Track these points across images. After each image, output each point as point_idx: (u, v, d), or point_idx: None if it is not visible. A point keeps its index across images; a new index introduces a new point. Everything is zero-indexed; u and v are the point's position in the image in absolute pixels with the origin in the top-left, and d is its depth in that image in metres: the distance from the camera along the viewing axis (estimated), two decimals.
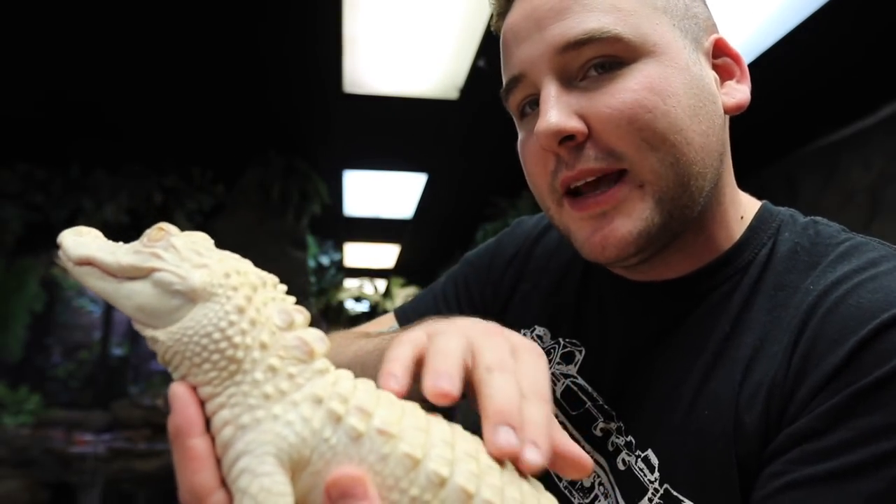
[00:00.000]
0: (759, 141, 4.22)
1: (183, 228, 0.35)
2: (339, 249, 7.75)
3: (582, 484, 0.61)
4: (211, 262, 0.34)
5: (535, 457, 0.31)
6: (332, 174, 4.86)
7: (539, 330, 0.71)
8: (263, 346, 0.32)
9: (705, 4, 0.63)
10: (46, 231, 4.52)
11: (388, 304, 8.20)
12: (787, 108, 3.68)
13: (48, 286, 5.47)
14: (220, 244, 0.37)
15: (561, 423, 0.61)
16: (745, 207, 0.64)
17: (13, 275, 4.77)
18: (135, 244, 0.35)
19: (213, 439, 0.31)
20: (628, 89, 0.54)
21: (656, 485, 0.54)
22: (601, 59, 0.55)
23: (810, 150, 4.21)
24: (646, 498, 0.55)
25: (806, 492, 0.44)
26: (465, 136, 4.13)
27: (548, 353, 0.67)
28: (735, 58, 0.65)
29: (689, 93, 0.56)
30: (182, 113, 3.83)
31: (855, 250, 0.54)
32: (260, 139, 4.31)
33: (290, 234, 4.70)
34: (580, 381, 0.64)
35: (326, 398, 0.31)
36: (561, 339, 0.68)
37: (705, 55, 0.60)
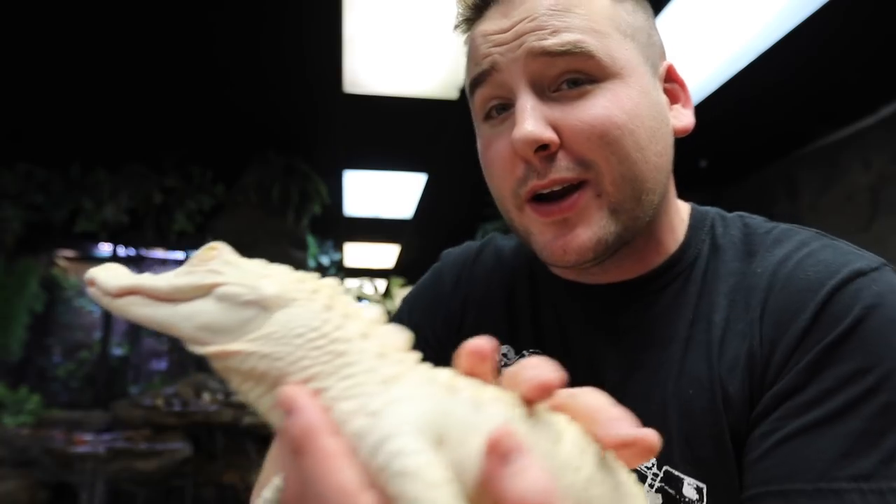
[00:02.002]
0: (759, 141, 4.22)
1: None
2: (339, 249, 7.76)
3: None
4: (272, 272, 0.33)
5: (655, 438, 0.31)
6: (332, 174, 4.86)
7: (503, 348, 0.71)
8: (365, 336, 0.31)
9: (658, 32, 0.68)
10: (46, 231, 4.52)
11: (389, 304, 8.20)
12: (787, 108, 3.69)
13: (48, 286, 5.47)
14: None
15: None
16: (682, 211, 0.68)
17: (13, 275, 4.77)
18: (180, 270, 0.35)
19: None
20: (600, 105, 0.57)
21: (654, 469, 0.56)
22: (573, 73, 0.58)
23: (810, 150, 4.21)
24: (646, 484, 0.56)
25: (797, 442, 0.49)
26: (465, 136, 4.13)
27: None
28: (681, 84, 0.68)
29: (649, 115, 0.60)
30: (182, 113, 3.83)
31: (785, 235, 0.63)
32: (260, 139, 4.31)
33: (290, 234, 4.71)
34: None
35: (436, 376, 0.31)
36: (525, 353, 0.69)
37: (660, 80, 0.64)
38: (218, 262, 0.34)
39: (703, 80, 3.29)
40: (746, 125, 3.93)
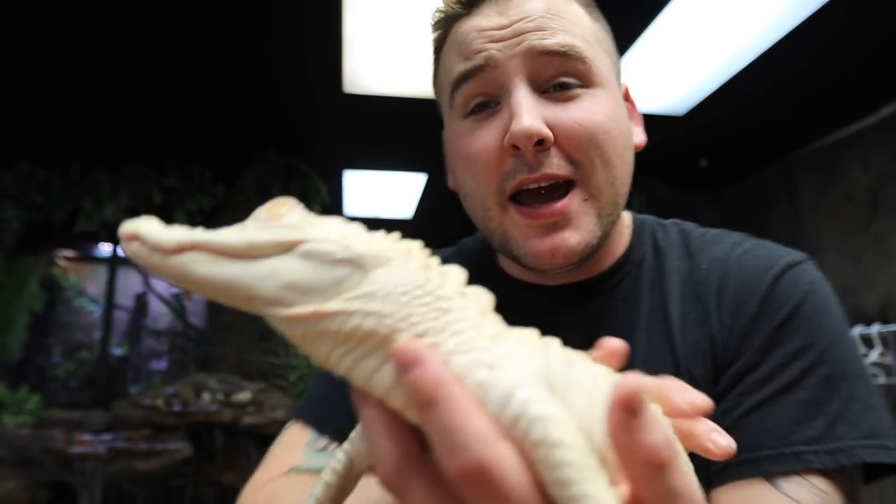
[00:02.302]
0: (759, 141, 4.22)
1: None
2: None
3: None
4: (354, 231, 0.31)
5: (727, 443, 0.33)
6: (332, 174, 4.86)
7: None
8: (463, 295, 0.31)
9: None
10: (46, 231, 4.52)
11: None
12: (787, 109, 3.69)
13: (48, 286, 5.47)
14: None
15: None
16: (625, 217, 0.74)
17: (13, 275, 4.77)
18: (243, 226, 0.31)
19: None
20: (590, 110, 0.61)
21: None
22: (566, 76, 0.61)
23: (810, 150, 4.21)
24: None
25: (758, 414, 0.56)
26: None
27: None
28: (633, 104, 0.74)
29: (624, 125, 0.66)
30: (182, 113, 3.83)
31: (719, 236, 0.72)
32: (260, 139, 4.31)
33: None
34: None
35: (527, 334, 0.32)
36: None
37: (622, 98, 0.70)
38: (292, 217, 0.31)
39: (703, 80, 3.29)
40: (746, 125, 3.93)
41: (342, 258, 0.29)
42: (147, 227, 0.29)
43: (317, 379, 0.76)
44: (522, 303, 0.71)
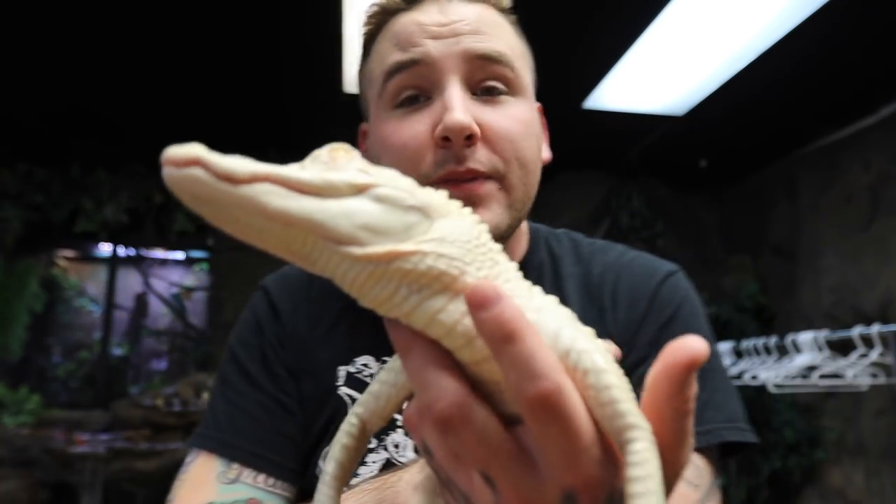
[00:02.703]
0: (759, 141, 4.22)
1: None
2: None
3: None
4: (410, 182, 0.33)
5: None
6: None
7: (361, 360, 0.73)
8: (502, 251, 0.35)
9: None
10: (46, 231, 4.52)
11: None
12: (787, 109, 3.68)
13: (48, 286, 5.46)
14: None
15: None
16: (524, 225, 0.80)
17: (13, 275, 4.77)
18: (304, 165, 0.32)
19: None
20: (514, 116, 0.67)
21: None
22: (496, 80, 0.67)
23: (810, 150, 4.21)
24: None
25: None
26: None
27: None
28: (543, 124, 0.80)
29: (538, 137, 0.72)
30: (182, 113, 3.84)
31: (606, 246, 0.80)
32: (260, 139, 4.31)
33: None
34: None
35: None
36: (387, 359, 0.73)
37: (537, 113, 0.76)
38: (357, 162, 0.33)
39: (703, 80, 3.29)
40: (746, 125, 3.92)
41: (412, 205, 0.31)
42: (212, 156, 0.28)
43: (215, 404, 0.73)
44: None
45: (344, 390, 0.72)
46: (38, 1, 2.69)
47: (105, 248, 5.33)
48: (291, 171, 0.30)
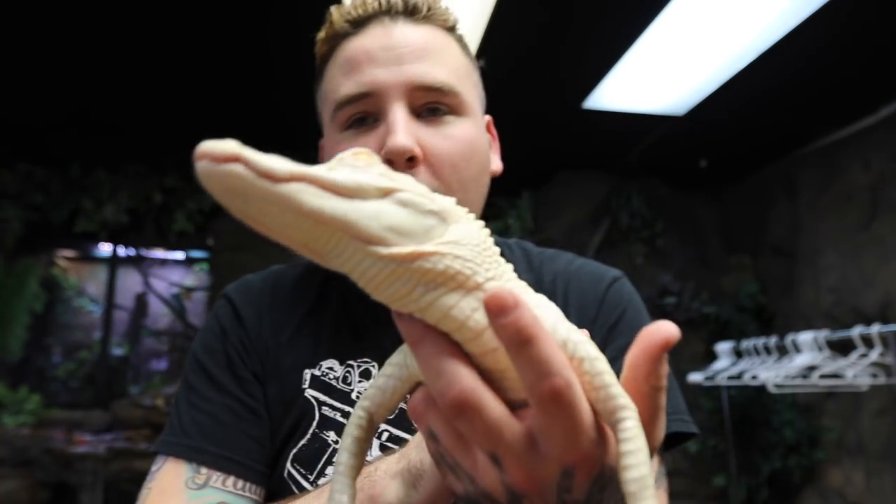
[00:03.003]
0: (759, 141, 4.22)
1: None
2: None
3: None
4: (424, 187, 0.36)
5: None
6: None
7: (326, 363, 0.75)
8: (500, 253, 0.38)
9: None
10: (46, 231, 4.52)
11: None
12: (787, 109, 3.69)
13: (48, 286, 5.47)
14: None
15: (384, 429, 0.72)
16: None
17: (13, 275, 4.77)
18: (331, 166, 0.34)
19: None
20: (455, 137, 0.70)
21: None
22: (438, 105, 0.70)
23: (810, 150, 4.21)
24: None
25: None
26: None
27: (344, 379, 0.74)
28: (494, 136, 0.85)
29: (483, 153, 0.75)
30: (182, 113, 3.83)
31: (555, 254, 0.85)
32: (260, 139, 4.31)
33: None
34: None
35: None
36: (352, 362, 0.75)
37: (484, 128, 0.80)
38: (380, 167, 0.35)
39: (703, 80, 3.29)
40: (746, 125, 3.92)
41: (431, 210, 0.34)
42: (251, 153, 0.30)
43: (179, 410, 0.72)
44: (376, 308, 0.79)
45: (310, 392, 0.74)
46: (37, 2, 2.69)
47: (105, 248, 5.33)
48: (325, 172, 0.32)
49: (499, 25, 2.78)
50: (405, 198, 0.34)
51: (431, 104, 0.70)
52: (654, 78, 3.29)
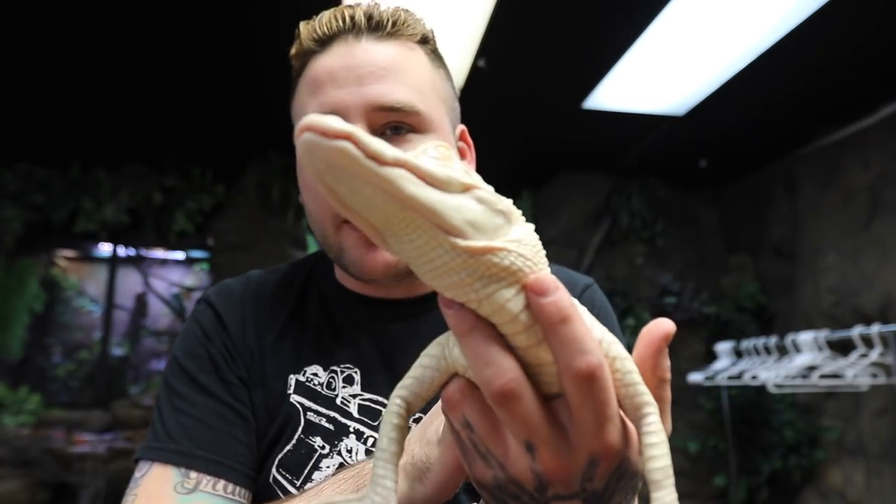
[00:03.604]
0: (759, 141, 4.22)
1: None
2: None
3: None
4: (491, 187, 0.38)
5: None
6: None
7: (310, 369, 0.76)
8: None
9: (458, 101, 0.84)
10: (46, 231, 4.52)
11: None
12: (787, 108, 3.69)
13: (48, 286, 5.47)
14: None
15: (370, 435, 0.73)
16: None
17: (13, 275, 4.77)
18: (417, 154, 0.36)
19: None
20: None
21: None
22: (400, 124, 0.71)
23: (810, 150, 4.21)
24: None
25: None
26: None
27: (328, 385, 0.75)
28: (469, 145, 0.84)
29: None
30: (182, 113, 3.84)
31: None
32: (260, 139, 4.31)
33: (290, 234, 4.71)
34: (367, 395, 0.75)
35: None
36: (335, 368, 0.76)
37: (456, 138, 0.80)
38: (461, 163, 0.37)
39: (702, 80, 3.29)
40: (746, 125, 3.93)
41: (500, 209, 0.37)
42: (363, 135, 0.31)
43: (163, 415, 0.71)
44: (357, 312, 0.79)
45: (295, 398, 0.74)
46: (38, 2, 2.69)
47: (105, 248, 5.33)
48: (421, 161, 0.34)
49: (499, 25, 2.78)
50: (482, 195, 0.36)
51: (393, 123, 0.71)
52: (653, 78, 3.29)
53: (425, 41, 0.78)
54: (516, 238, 0.36)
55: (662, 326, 0.39)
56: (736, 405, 4.24)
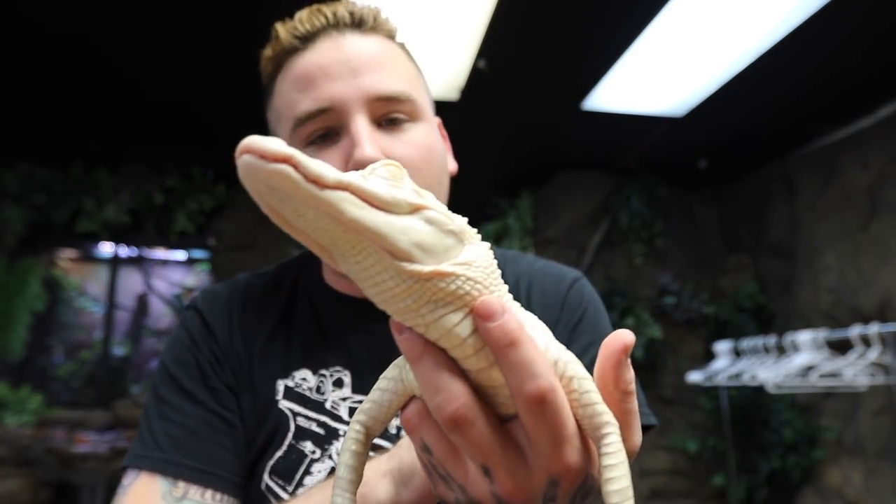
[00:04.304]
0: (759, 141, 4.22)
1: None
2: None
3: None
4: (444, 206, 0.37)
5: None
6: None
7: (299, 374, 0.76)
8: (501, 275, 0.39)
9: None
10: (48, 231, 4.53)
11: None
12: (786, 109, 3.69)
13: (49, 286, 5.47)
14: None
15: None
16: None
17: (15, 275, 4.78)
18: (365, 175, 0.35)
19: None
20: (415, 142, 0.72)
21: None
22: (397, 113, 0.72)
23: (809, 151, 4.22)
24: None
25: None
26: (465, 137, 4.14)
27: (318, 389, 0.75)
28: (446, 136, 0.86)
29: (441, 154, 0.77)
30: (183, 113, 3.84)
31: (517, 256, 0.87)
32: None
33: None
34: (357, 397, 0.74)
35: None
36: (324, 371, 0.75)
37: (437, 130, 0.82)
38: (410, 183, 0.36)
39: (702, 80, 3.30)
40: (745, 126, 3.93)
41: (451, 230, 0.35)
42: (304, 158, 0.30)
43: (150, 423, 0.71)
44: (345, 314, 0.78)
45: (284, 404, 0.74)
46: (37, 2, 2.70)
47: (106, 248, 5.34)
48: (365, 183, 0.33)
49: (499, 26, 2.79)
50: (432, 216, 0.35)
51: (390, 113, 0.72)
52: (653, 79, 3.30)
53: (395, 38, 0.80)
54: (466, 261, 0.35)
55: (621, 338, 0.38)
56: (735, 405, 4.25)
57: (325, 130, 0.71)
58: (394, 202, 0.33)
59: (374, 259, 0.33)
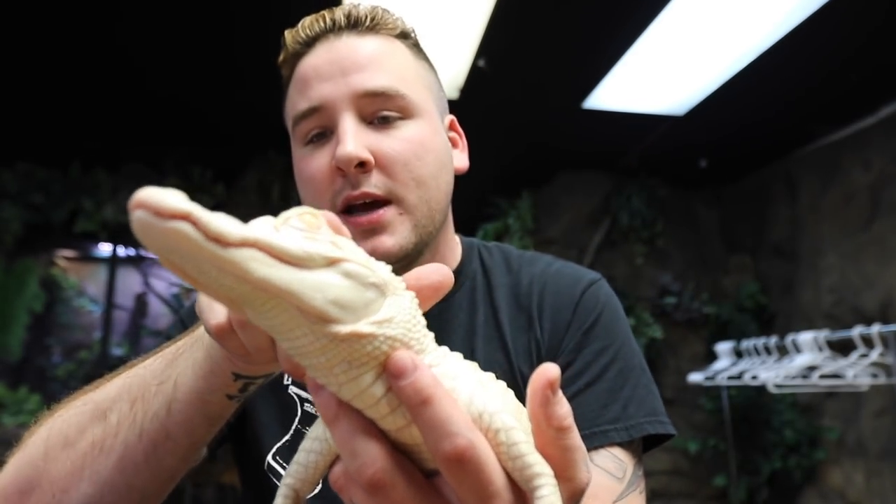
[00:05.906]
0: (759, 141, 4.22)
1: None
2: None
3: None
4: (366, 255, 0.35)
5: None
6: None
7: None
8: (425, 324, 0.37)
9: (444, 92, 0.87)
10: (46, 231, 4.52)
11: None
12: (787, 108, 3.69)
13: (48, 286, 5.46)
14: None
15: None
16: (457, 239, 0.86)
17: (13, 275, 4.77)
18: (277, 225, 0.33)
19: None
20: (405, 139, 0.72)
21: None
22: (387, 110, 0.72)
23: (810, 150, 4.21)
24: None
25: (574, 402, 0.64)
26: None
27: None
28: (460, 134, 0.88)
29: (440, 151, 0.77)
30: (183, 113, 3.83)
31: (534, 257, 0.86)
32: (260, 139, 4.31)
33: None
34: None
35: (457, 355, 0.39)
36: None
37: (445, 128, 0.82)
38: (326, 232, 0.34)
39: (703, 80, 3.29)
40: (746, 125, 3.92)
41: (372, 282, 0.33)
42: (203, 213, 0.28)
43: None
44: None
45: (293, 389, 0.78)
46: (38, 2, 2.69)
47: (105, 248, 5.33)
48: (274, 237, 0.30)
49: (499, 25, 2.78)
50: (350, 269, 0.32)
51: (381, 111, 0.72)
52: (653, 78, 3.29)
53: (405, 36, 0.81)
54: (386, 317, 0.33)
55: (544, 374, 0.35)
56: (736, 405, 4.24)
57: (320, 129, 0.74)
58: (306, 257, 0.30)
59: (286, 316, 0.31)
